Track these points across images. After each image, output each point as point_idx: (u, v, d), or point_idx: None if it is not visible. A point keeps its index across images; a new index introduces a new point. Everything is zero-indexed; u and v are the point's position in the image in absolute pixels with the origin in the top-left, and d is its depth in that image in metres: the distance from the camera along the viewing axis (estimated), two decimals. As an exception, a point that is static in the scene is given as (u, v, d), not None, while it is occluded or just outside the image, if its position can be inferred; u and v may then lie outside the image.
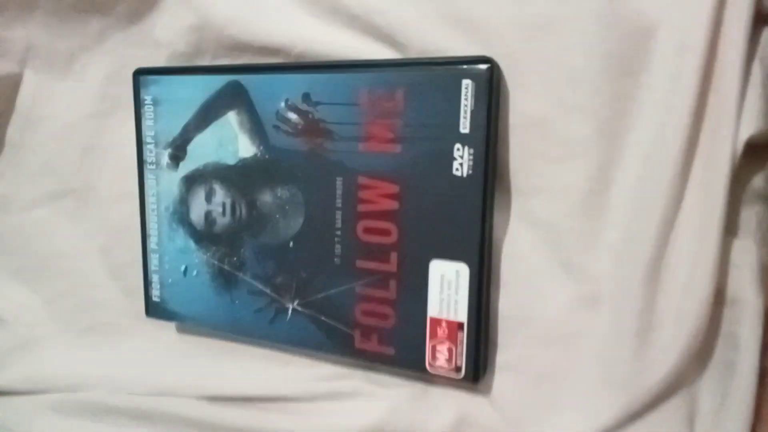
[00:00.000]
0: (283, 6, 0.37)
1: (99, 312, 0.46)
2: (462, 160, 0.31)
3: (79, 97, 0.44)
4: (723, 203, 0.28)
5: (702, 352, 0.30)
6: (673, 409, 0.31)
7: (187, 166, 0.39)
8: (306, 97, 0.34)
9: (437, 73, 0.31)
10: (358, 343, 0.35)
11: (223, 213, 0.38)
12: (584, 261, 0.32)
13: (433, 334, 0.33)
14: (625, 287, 0.30)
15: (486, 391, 0.35)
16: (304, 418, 0.39)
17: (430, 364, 0.34)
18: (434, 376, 0.34)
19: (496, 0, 0.31)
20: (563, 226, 0.32)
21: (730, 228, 0.29)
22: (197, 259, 0.40)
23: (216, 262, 0.39)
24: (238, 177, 0.37)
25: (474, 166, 0.31)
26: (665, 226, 0.29)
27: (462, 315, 0.33)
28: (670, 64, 0.28)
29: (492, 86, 0.30)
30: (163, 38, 0.40)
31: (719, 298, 0.30)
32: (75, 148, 0.45)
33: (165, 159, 0.39)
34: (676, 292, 0.29)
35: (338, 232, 0.35)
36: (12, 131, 0.47)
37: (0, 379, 0.47)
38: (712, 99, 0.28)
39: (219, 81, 0.37)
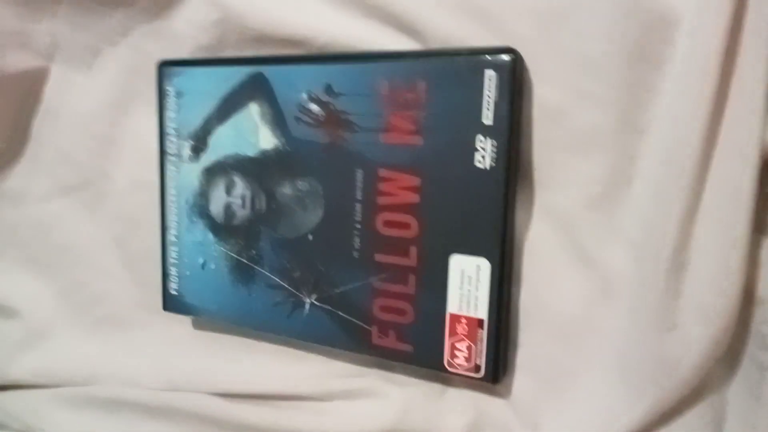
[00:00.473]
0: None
1: (113, 304, 0.47)
2: (484, 152, 0.30)
3: (101, 89, 0.45)
4: (750, 198, 0.27)
5: (730, 352, 0.29)
6: (700, 413, 0.30)
7: (208, 158, 0.39)
8: (328, 88, 0.34)
9: (459, 64, 0.31)
10: (376, 339, 0.35)
11: (243, 205, 0.38)
12: (604, 255, 0.31)
13: (453, 331, 0.33)
14: (645, 283, 0.29)
15: (504, 391, 0.35)
16: (319, 417, 0.39)
17: (448, 362, 0.33)
18: (453, 375, 0.33)
19: None
20: (583, 219, 0.31)
21: (761, 226, 0.28)
22: (215, 252, 0.39)
23: (234, 255, 0.39)
24: (259, 169, 0.37)
25: (497, 158, 0.30)
26: (686, 220, 0.28)
27: (482, 311, 0.32)
28: (692, 53, 0.27)
29: (515, 77, 0.30)
30: (184, 31, 0.41)
31: (748, 297, 0.28)
32: (93, 139, 0.45)
33: (186, 150, 0.40)
34: (699, 289, 0.28)
35: (357, 225, 0.34)
36: (35, 124, 0.47)
37: (13, 372, 0.48)
38: (735, 87, 0.27)
39: (241, 73, 0.37)
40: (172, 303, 0.42)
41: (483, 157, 0.30)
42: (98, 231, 0.46)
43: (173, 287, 0.42)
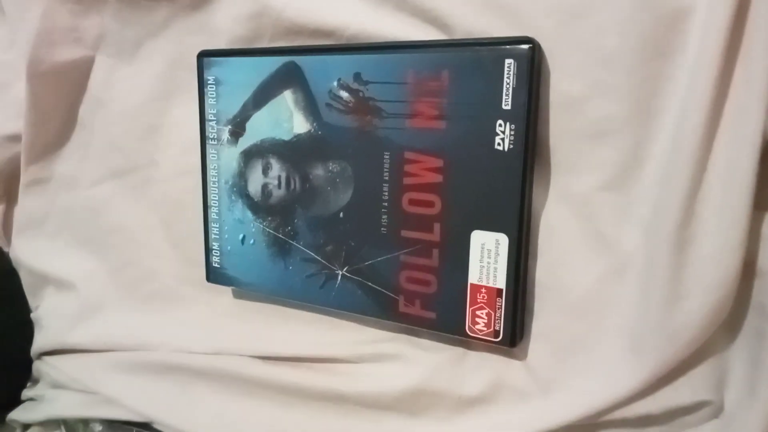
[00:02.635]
0: None
1: (160, 279, 0.50)
2: (504, 135, 0.33)
3: (144, 80, 0.48)
4: (751, 179, 0.29)
5: (731, 321, 0.32)
6: (701, 376, 0.32)
7: (245, 142, 0.42)
8: (357, 76, 0.37)
9: (481, 53, 0.33)
10: (402, 307, 0.38)
11: (279, 185, 0.41)
12: (616, 234, 0.33)
13: (473, 300, 0.36)
14: (652, 258, 0.32)
15: (521, 355, 0.37)
16: (351, 377, 0.42)
17: (469, 328, 0.36)
18: (473, 339, 0.36)
19: None
20: (597, 200, 0.33)
21: (762, 202, 0.30)
22: (254, 228, 0.43)
23: (271, 231, 0.42)
24: (293, 152, 0.40)
25: (515, 141, 0.33)
26: (689, 198, 0.30)
27: (501, 282, 0.35)
28: (700, 42, 0.29)
29: (533, 65, 0.32)
30: (222, 24, 0.43)
31: (749, 269, 0.31)
32: (139, 127, 0.49)
33: (225, 135, 0.43)
34: (702, 262, 0.30)
35: (385, 204, 0.37)
36: (83, 112, 0.51)
37: (72, 339, 0.52)
38: (739, 74, 0.29)
39: (276, 62, 0.39)
40: (214, 275, 0.45)
41: (502, 140, 0.33)
42: (146, 213, 0.50)
43: (215, 261, 0.45)
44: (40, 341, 0.55)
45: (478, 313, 0.36)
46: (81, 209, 0.52)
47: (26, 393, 0.56)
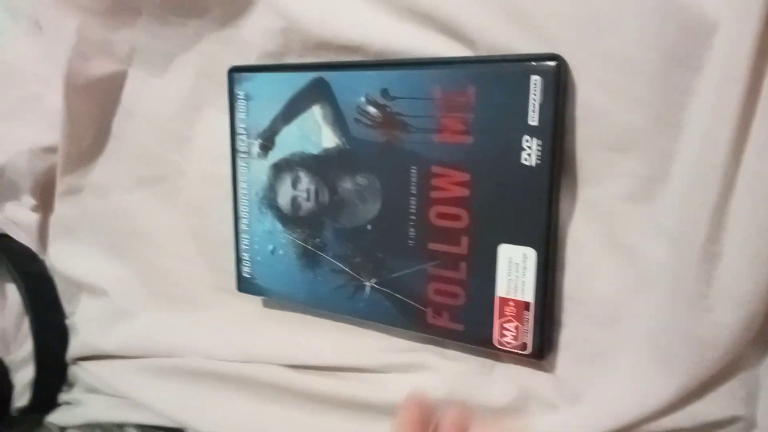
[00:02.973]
0: (362, 8, 0.39)
1: (190, 286, 0.51)
2: (530, 151, 0.33)
3: (174, 92, 0.49)
4: None
5: (763, 335, 0.31)
6: (732, 390, 0.32)
7: (275, 155, 0.43)
8: (384, 92, 0.37)
9: (507, 70, 0.33)
10: (431, 319, 0.38)
11: (308, 198, 0.42)
12: (642, 246, 0.33)
13: (501, 313, 0.36)
14: (680, 271, 0.32)
15: (549, 367, 0.38)
16: (377, 387, 0.42)
17: (497, 340, 0.36)
18: (501, 352, 0.37)
19: None
20: (623, 212, 0.33)
21: None
22: (283, 239, 0.44)
23: (301, 243, 0.43)
24: (322, 165, 0.41)
25: (542, 156, 0.33)
26: (718, 211, 0.30)
27: (529, 295, 0.35)
28: (726, 56, 0.29)
29: (559, 81, 0.32)
30: (252, 39, 0.44)
31: None
32: (169, 138, 0.50)
33: (255, 148, 0.44)
34: (731, 275, 0.30)
35: (412, 217, 0.38)
36: (115, 123, 0.52)
37: (103, 344, 0.53)
38: (767, 87, 0.28)
39: (305, 78, 0.40)
40: (245, 285, 0.47)
41: (529, 155, 0.33)
42: (175, 221, 0.51)
43: (246, 271, 0.46)
44: (75, 346, 0.57)
45: (506, 326, 0.36)
46: (112, 217, 0.54)
47: (63, 397, 0.58)
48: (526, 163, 0.33)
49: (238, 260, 0.46)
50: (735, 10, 0.29)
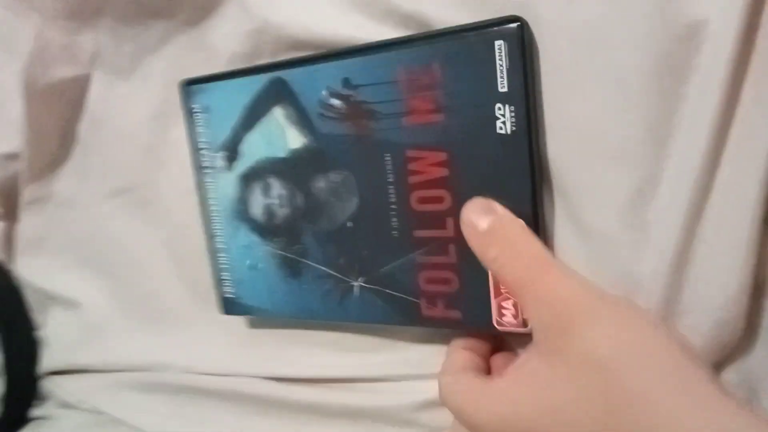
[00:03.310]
0: (335, 6, 0.38)
1: (165, 299, 0.49)
2: (504, 118, 0.32)
3: (142, 99, 0.47)
4: (756, 200, 0.27)
5: (739, 343, 0.30)
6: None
7: (241, 165, 0.41)
8: (346, 81, 0.36)
9: (470, 40, 0.32)
10: (425, 310, 0.37)
11: (281, 204, 0.40)
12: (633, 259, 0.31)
13: (498, 292, 0.35)
14: (653, 277, 0.30)
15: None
16: (369, 393, 0.41)
17: (497, 321, 0.35)
18: (502, 333, 0.35)
19: (547, 2, 0.31)
20: (615, 231, 0.32)
21: None
22: (262, 251, 0.42)
23: (281, 252, 0.41)
24: (291, 168, 0.39)
25: (517, 123, 0.32)
26: (692, 218, 0.28)
27: (523, 269, 0.34)
28: (709, 61, 0.28)
29: (525, 42, 0.31)
30: (221, 42, 0.42)
31: (759, 290, 0.29)
32: (137, 147, 0.48)
33: (220, 161, 0.42)
34: (701, 282, 0.29)
35: (393, 207, 0.36)
36: (81, 130, 0.50)
37: (79, 358, 0.51)
38: (748, 91, 0.27)
39: (261, 80, 0.39)
40: (229, 306, 0.44)
41: (504, 123, 0.32)
42: (148, 233, 0.49)
43: (229, 291, 0.44)
44: (46, 360, 0.55)
45: (503, 304, 0.35)
46: (82, 228, 0.52)
47: (34, 412, 0.55)
48: (502, 131, 0.32)
49: (219, 281, 0.44)
50: (726, 13, 0.27)
